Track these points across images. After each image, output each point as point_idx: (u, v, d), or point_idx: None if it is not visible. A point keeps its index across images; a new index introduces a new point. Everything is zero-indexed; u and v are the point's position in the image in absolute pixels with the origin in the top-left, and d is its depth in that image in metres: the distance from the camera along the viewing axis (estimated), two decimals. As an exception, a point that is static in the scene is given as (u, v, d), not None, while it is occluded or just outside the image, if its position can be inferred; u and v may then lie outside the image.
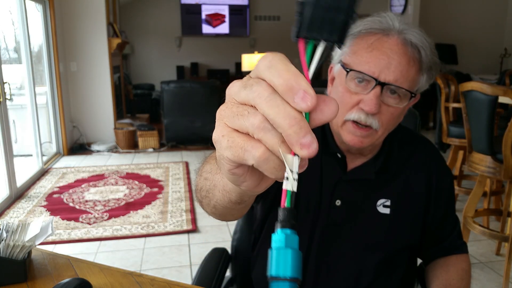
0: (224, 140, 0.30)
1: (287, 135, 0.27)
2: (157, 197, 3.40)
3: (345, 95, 0.78)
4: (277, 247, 0.28)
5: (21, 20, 3.80)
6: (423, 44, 0.76)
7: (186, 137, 5.17)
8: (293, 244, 0.28)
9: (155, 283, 0.79)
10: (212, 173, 0.53)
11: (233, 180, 0.35)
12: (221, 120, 0.31)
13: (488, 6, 6.74)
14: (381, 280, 0.89)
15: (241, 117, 0.29)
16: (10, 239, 0.80)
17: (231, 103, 0.31)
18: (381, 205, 0.86)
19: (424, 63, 0.77)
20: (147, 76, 8.23)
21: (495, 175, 2.08)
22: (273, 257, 0.28)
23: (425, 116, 6.30)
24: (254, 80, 0.29)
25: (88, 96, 5.03)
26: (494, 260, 2.41)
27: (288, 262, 0.27)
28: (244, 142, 0.29)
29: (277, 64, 0.28)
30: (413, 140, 0.94)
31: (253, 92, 0.28)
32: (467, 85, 2.13)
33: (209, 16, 8.22)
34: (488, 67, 6.80)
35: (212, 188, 0.52)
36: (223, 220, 0.67)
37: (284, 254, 0.27)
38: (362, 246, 0.87)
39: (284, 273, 0.27)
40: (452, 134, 2.91)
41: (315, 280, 0.88)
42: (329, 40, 0.28)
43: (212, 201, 0.54)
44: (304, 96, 0.27)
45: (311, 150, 0.27)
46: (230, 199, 0.46)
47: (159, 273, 2.25)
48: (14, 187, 3.36)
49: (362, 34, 0.77)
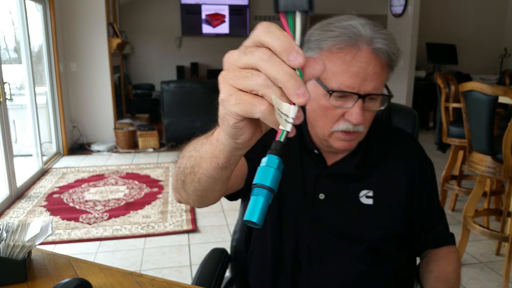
0: (232, 98, 0.37)
1: (286, 88, 0.34)
2: (157, 197, 3.40)
3: (328, 109, 0.81)
4: (263, 165, 0.36)
5: (21, 20, 3.80)
6: (391, 48, 0.78)
7: (186, 137, 5.11)
8: (274, 165, 0.36)
9: (155, 283, 0.79)
10: (197, 148, 0.58)
11: (233, 133, 0.42)
12: (225, 82, 0.37)
13: (488, 6, 6.74)
14: (372, 271, 0.90)
15: (245, 78, 0.35)
16: (10, 239, 0.80)
17: (233, 68, 0.37)
18: (364, 196, 0.88)
19: (394, 62, 0.80)
20: (147, 76, 8.23)
21: (495, 175, 2.08)
22: (258, 171, 0.36)
23: (425, 116, 6.30)
24: (253, 47, 0.35)
25: (88, 96, 5.03)
26: (494, 260, 2.41)
27: (268, 176, 0.36)
28: (251, 99, 0.36)
29: (274, 30, 0.35)
30: (391, 133, 0.97)
31: (255, 56, 0.35)
32: (467, 85, 2.13)
33: (209, 16, 8.22)
34: (488, 67, 6.80)
35: (199, 161, 0.57)
36: (204, 203, 0.69)
37: (265, 170, 0.36)
38: (349, 237, 0.89)
39: (263, 182, 0.35)
40: (452, 134, 2.91)
41: (307, 273, 0.89)
42: (302, 9, 0.36)
43: (198, 174, 0.58)
44: (296, 55, 0.34)
45: (305, 98, 0.34)
46: (217, 163, 0.52)
47: (159, 273, 2.25)
48: (14, 187, 3.36)
49: (334, 51, 0.77)
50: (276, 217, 0.91)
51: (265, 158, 0.37)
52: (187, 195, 0.67)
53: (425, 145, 0.92)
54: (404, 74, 5.64)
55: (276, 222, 0.91)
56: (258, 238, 0.98)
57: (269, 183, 0.35)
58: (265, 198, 0.35)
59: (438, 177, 3.17)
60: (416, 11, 5.37)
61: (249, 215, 0.35)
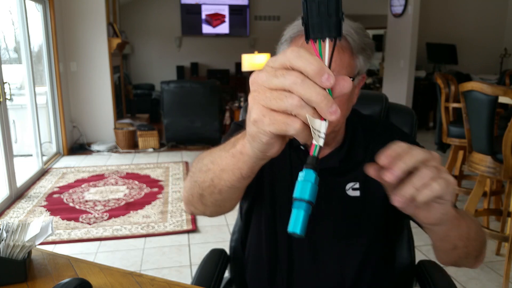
0: (266, 119, 0.40)
1: (320, 108, 0.37)
2: (157, 197, 3.40)
3: None
4: (300, 180, 0.40)
5: (21, 20, 3.80)
6: (348, 32, 0.80)
7: (186, 137, 5.17)
8: (311, 179, 0.40)
9: (155, 283, 0.79)
10: (215, 162, 0.59)
11: (265, 149, 0.45)
12: (258, 103, 0.40)
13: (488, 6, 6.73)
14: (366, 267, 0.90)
15: (279, 100, 0.38)
16: (10, 239, 0.80)
17: (263, 90, 0.39)
18: (350, 189, 0.89)
19: (354, 48, 0.81)
20: (147, 76, 8.23)
21: (495, 175, 2.08)
22: (297, 185, 0.40)
23: (425, 116, 6.30)
24: (283, 70, 0.38)
25: (88, 96, 5.04)
26: (494, 260, 2.41)
27: (306, 190, 0.40)
28: (285, 119, 0.39)
29: (305, 54, 0.37)
30: (378, 126, 0.96)
31: (287, 80, 0.37)
32: (467, 85, 2.13)
33: (209, 16, 8.22)
34: (488, 67, 6.80)
35: (219, 173, 0.58)
36: (220, 212, 0.71)
37: (304, 184, 0.40)
38: (339, 232, 0.89)
39: (303, 196, 0.40)
40: (452, 134, 2.92)
41: (302, 269, 0.90)
42: (330, 36, 0.40)
43: (218, 186, 0.60)
44: (328, 77, 0.37)
45: (337, 115, 0.37)
46: (241, 174, 0.54)
47: (159, 273, 2.25)
48: (14, 187, 3.36)
49: (293, 38, 0.82)
50: (271, 217, 0.92)
51: (302, 172, 0.41)
52: (205, 207, 0.69)
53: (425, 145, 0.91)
54: (404, 74, 5.64)
55: (270, 222, 0.92)
56: (254, 238, 0.98)
57: (308, 197, 0.40)
58: (306, 211, 0.40)
59: (438, 177, 3.17)
60: (416, 11, 5.37)
61: (293, 227, 0.39)
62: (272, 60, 0.40)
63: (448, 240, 0.64)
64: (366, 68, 0.86)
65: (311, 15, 0.40)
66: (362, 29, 0.83)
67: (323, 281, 0.89)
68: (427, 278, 1.01)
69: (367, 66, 0.85)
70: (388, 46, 6.00)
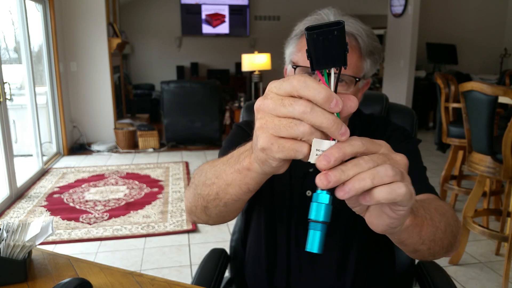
0: (274, 147, 0.40)
1: (331, 132, 0.39)
2: (157, 197, 3.41)
3: None
4: (315, 202, 0.42)
5: (21, 20, 3.80)
6: (359, 32, 0.80)
7: (186, 137, 5.17)
8: (325, 201, 0.42)
9: (155, 283, 0.79)
10: (220, 176, 0.59)
11: (273, 170, 0.46)
12: (266, 132, 0.40)
13: (488, 6, 6.74)
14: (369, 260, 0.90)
15: (289, 128, 0.39)
16: (10, 239, 0.80)
17: (271, 118, 0.40)
18: None
19: (363, 49, 0.81)
20: (147, 76, 8.23)
21: (495, 175, 2.08)
22: (312, 207, 0.42)
23: (425, 116, 6.30)
24: (290, 99, 0.39)
25: (88, 96, 5.04)
26: (494, 260, 2.41)
27: (320, 211, 0.42)
28: (293, 145, 0.40)
29: (311, 83, 0.38)
30: (374, 123, 0.95)
31: (296, 109, 0.38)
32: (467, 85, 2.13)
33: (209, 16, 8.22)
34: (488, 67, 6.80)
35: (224, 187, 0.59)
36: (223, 221, 0.72)
37: (318, 206, 0.42)
38: (339, 231, 0.89)
39: (317, 218, 0.42)
40: (452, 134, 2.92)
41: (299, 274, 0.90)
42: (335, 66, 0.41)
43: (223, 199, 0.61)
44: (336, 102, 0.38)
45: (347, 135, 0.40)
46: (248, 188, 0.55)
47: (159, 273, 2.25)
48: (14, 187, 3.36)
49: (303, 35, 0.82)
50: (270, 217, 0.92)
51: (316, 194, 0.43)
52: (208, 217, 0.70)
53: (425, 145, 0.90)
54: (404, 74, 5.64)
55: (269, 222, 0.92)
56: (254, 239, 0.98)
57: (322, 218, 0.42)
58: (321, 231, 0.42)
59: (438, 177, 3.17)
60: (416, 11, 5.37)
61: (310, 247, 0.42)
62: (276, 86, 0.40)
63: (407, 245, 0.58)
64: (372, 73, 0.86)
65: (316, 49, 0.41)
66: (373, 33, 0.83)
67: (322, 282, 0.89)
68: (427, 278, 1.01)
69: (373, 71, 0.85)
70: (388, 46, 6.00)
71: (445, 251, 0.66)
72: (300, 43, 0.83)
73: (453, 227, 0.66)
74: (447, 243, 0.64)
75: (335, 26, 0.39)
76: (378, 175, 0.40)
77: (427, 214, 0.58)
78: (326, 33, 0.39)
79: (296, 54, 0.84)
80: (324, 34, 0.40)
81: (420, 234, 0.56)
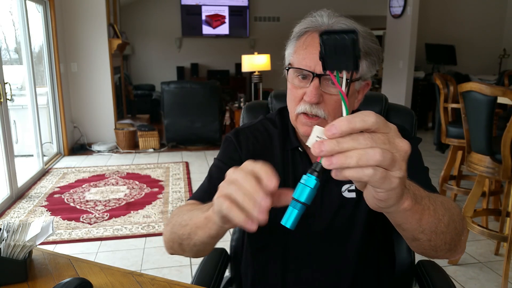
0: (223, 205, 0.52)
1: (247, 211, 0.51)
2: (158, 197, 3.41)
3: (292, 91, 0.85)
4: (301, 183, 0.46)
5: (22, 21, 3.81)
6: None
7: (186, 138, 5.17)
8: (310, 185, 0.46)
9: (155, 283, 0.80)
10: (193, 219, 0.69)
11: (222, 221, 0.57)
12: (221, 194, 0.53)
13: (487, 7, 6.74)
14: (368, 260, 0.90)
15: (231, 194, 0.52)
16: (11, 239, 0.81)
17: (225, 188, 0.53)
18: (346, 190, 0.89)
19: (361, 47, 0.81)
20: (147, 76, 8.24)
21: (494, 175, 2.09)
22: (298, 187, 0.47)
23: (424, 117, 6.30)
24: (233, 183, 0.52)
25: (89, 96, 5.04)
26: (493, 260, 2.41)
27: (304, 193, 0.46)
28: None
29: (244, 181, 0.51)
30: None
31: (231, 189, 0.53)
32: (466, 85, 2.13)
33: (209, 17, 8.23)
34: (487, 68, 6.80)
35: (195, 229, 0.68)
36: (199, 256, 0.80)
37: (303, 187, 0.46)
38: (337, 232, 0.89)
39: (299, 198, 0.46)
40: (451, 134, 2.92)
41: (298, 269, 0.90)
42: (347, 69, 0.45)
43: (193, 239, 0.69)
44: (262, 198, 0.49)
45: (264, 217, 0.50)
46: (210, 234, 0.64)
47: (160, 273, 2.26)
48: (15, 187, 3.37)
49: (299, 35, 0.84)
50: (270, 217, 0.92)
51: (305, 176, 0.46)
52: (184, 252, 0.77)
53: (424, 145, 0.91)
54: (403, 75, 5.64)
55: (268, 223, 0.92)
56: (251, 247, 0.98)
57: (304, 200, 0.46)
58: (299, 210, 0.46)
59: (437, 177, 3.17)
60: (415, 12, 5.38)
61: (285, 221, 0.47)
62: (228, 173, 0.52)
63: (405, 230, 0.58)
64: (371, 74, 0.85)
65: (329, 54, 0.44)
66: (370, 34, 0.83)
67: (320, 282, 0.89)
68: (427, 278, 1.01)
69: (372, 72, 0.84)
70: (387, 47, 6.00)
71: (448, 249, 0.65)
72: (296, 45, 0.84)
73: (457, 224, 0.65)
74: (450, 239, 0.64)
75: (347, 33, 0.42)
76: (364, 157, 0.40)
77: (431, 205, 0.58)
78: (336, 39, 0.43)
79: (292, 56, 0.85)
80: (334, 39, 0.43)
81: (419, 222, 0.56)
